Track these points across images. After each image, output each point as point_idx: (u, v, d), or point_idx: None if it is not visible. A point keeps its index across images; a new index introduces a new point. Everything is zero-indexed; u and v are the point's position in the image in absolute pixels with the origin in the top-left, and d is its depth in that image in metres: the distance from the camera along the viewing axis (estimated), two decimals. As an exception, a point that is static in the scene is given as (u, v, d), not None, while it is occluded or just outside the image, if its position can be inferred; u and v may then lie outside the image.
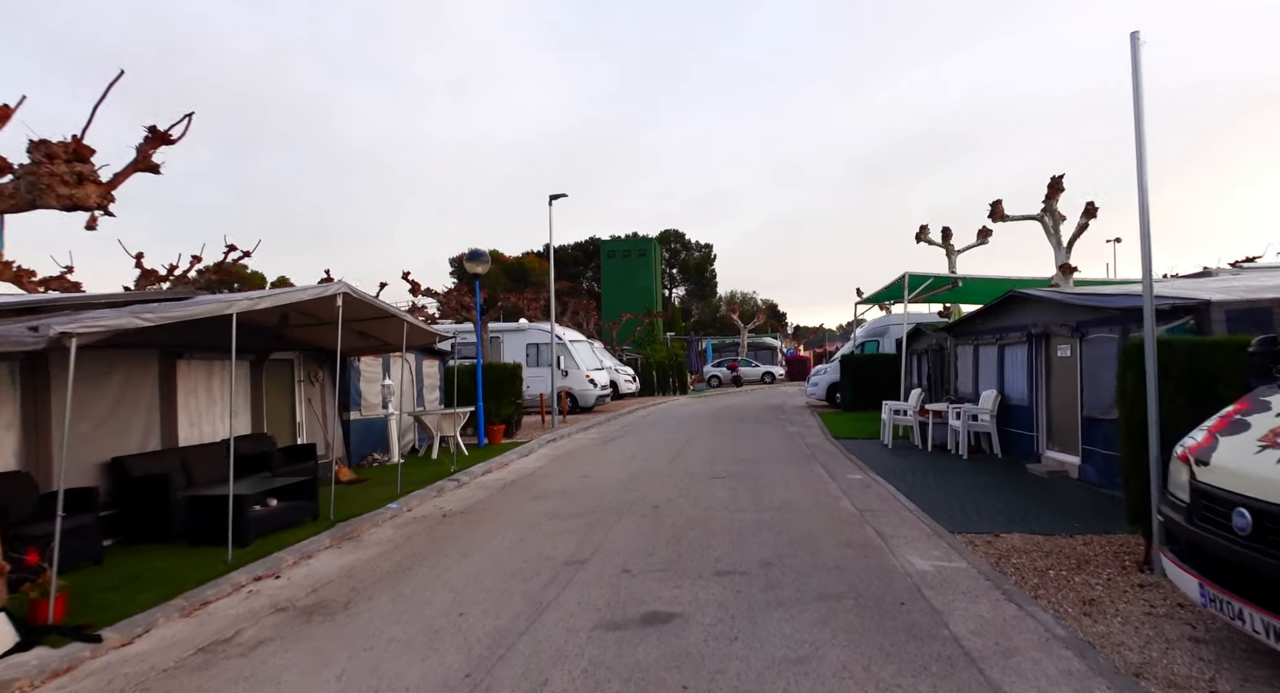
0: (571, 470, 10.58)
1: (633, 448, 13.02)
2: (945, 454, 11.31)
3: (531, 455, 12.47)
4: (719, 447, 12.89)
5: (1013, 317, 10.66)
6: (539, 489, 9.08)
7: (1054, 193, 13.04)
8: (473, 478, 10.03)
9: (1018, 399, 10.58)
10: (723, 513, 7.32)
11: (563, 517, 7.37)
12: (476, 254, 12.98)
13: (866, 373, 20.05)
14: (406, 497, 8.44)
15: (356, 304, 7.89)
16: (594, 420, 18.30)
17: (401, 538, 6.73)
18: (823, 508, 7.53)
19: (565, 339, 21.01)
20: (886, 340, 21.96)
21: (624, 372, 28.03)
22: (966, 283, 13.63)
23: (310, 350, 10.11)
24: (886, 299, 17.90)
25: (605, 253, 50.16)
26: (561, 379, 20.75)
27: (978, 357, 12.09)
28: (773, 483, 9.04)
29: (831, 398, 21.94)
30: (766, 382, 38.32)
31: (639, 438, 14.71)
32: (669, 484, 9.09)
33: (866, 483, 9.01)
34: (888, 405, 12.93)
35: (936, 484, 8.78)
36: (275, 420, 9.38)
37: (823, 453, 11.93)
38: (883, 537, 6.28)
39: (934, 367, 15.65)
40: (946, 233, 19.34)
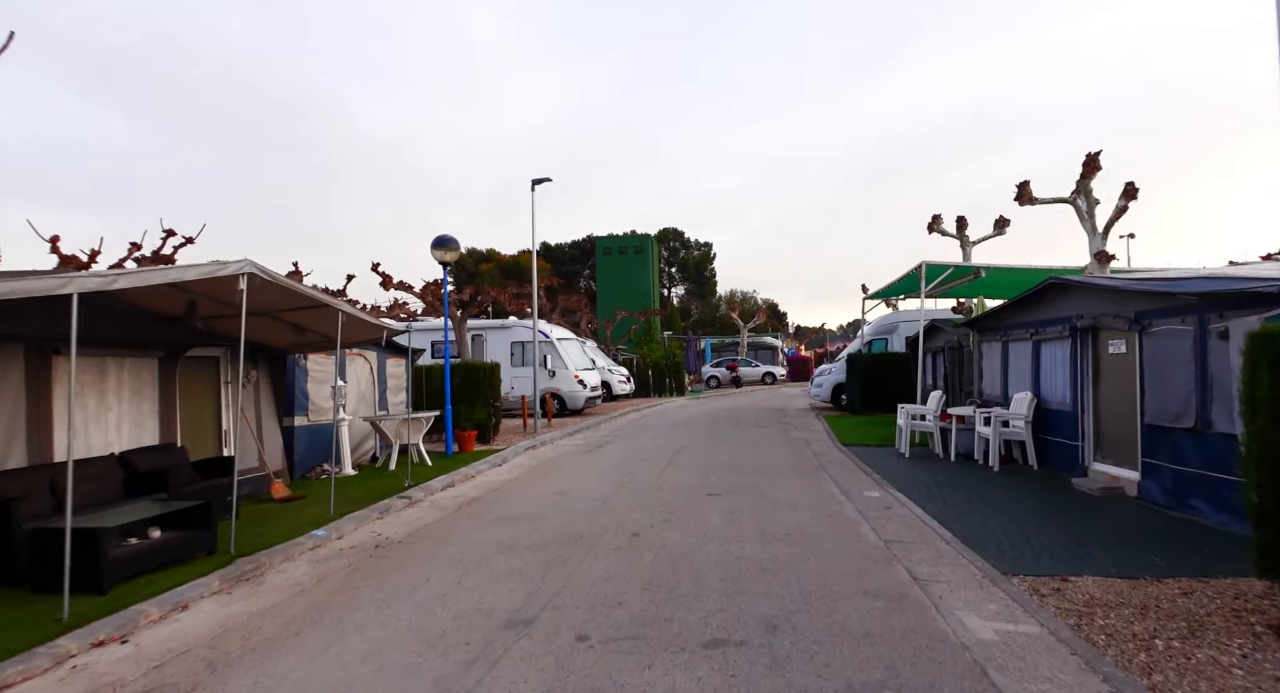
0: (545, 485, 9.21)
1: (619, 457, 11.65)
2: (972, 465, 9.94)
3: (504, 466, 11.10)
4: (715, 455, 11.52)
5: (1052, 308, 9.29)
6: (501, 510, 7.70)
7: (1089, 172, 11.67)
8: (429, 495, 8.66)
9: (1057, 403, 9.21)
10: (716, 545, 5.95)
11: (520, 549, 6.00)
12: (443, 240, 11.62)
13: (875, 373, 18.68)
14: (340, 520, 7.07)
15: (271, 289, 6.52)
16: (582, 424, 16.93)
17: (312, 579, 5.36)
18: (839, 538, 6.15)
19: (552, 337, 19.65)
20: (895, 338, 20.61)
21: (618, 372, 26.68)
22: (990, 273, 12.28)
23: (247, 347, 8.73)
24: (899, 293, 16.54)
25: (601, 249, 48.74)
26: (548, 380, 19.40)
27: (1007, 355, 10.72)
28: (777, 502, 7.67)
29: (837, 400, 20.57)
30: (767, 383, 36.96)
31: (628, 445, 13.34)
32: (655, 504, 7.72)
33: (887, 502, 7.64)
34: (904, 410, 11.57)
35: (971, 504, 7.41)
36: (195, 429, 8.01)
37: (832, 464, 10.56)
38: (920, 582, 4.91)
39: (951, 366, 14.28)
40: (961, 223, 17.96)
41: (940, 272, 12.53)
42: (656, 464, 10.65)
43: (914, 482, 8.76)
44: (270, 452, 9.02)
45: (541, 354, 19.48)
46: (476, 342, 20.07)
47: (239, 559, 5.67)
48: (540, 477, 9.91)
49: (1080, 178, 11.80)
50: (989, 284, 13.07)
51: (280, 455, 9.28)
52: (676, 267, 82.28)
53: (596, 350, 28.05)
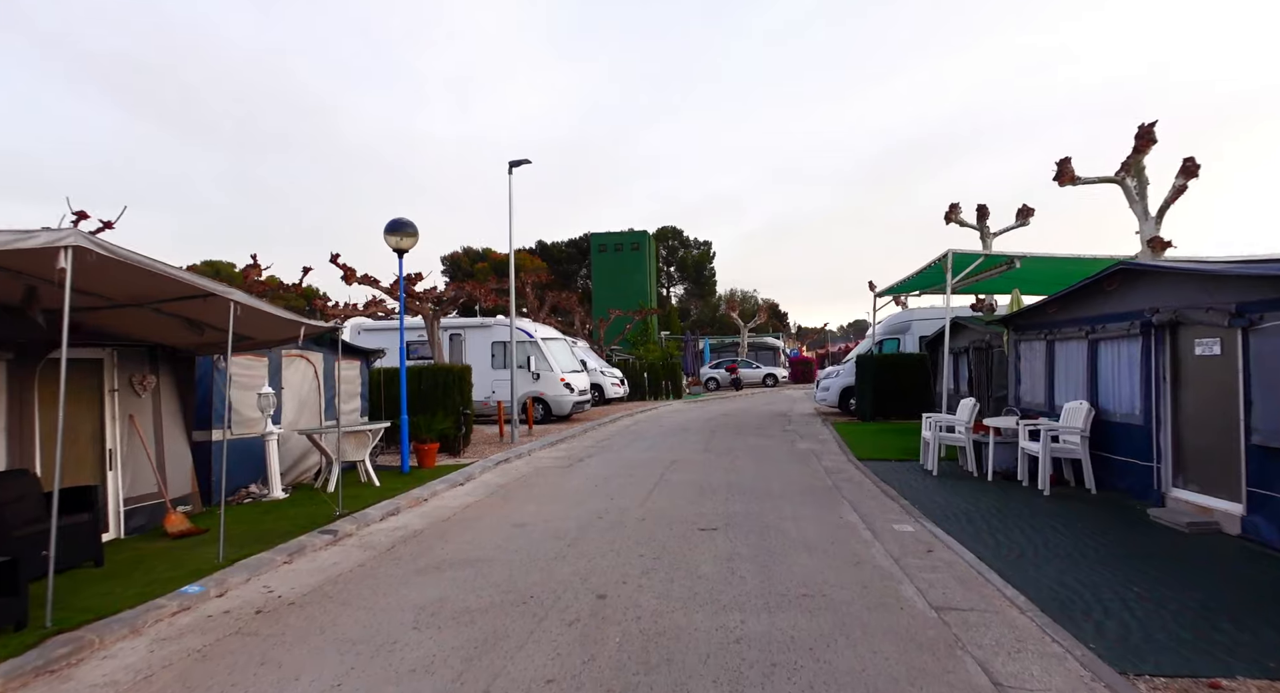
0: (506, 513, 7.65)
1: (601, 474, 10.11)
2: (1014, 487, 8.39)
3: (465, 486, 9.55)
4: (712, 472, 9.98)
5: (1116, 301, 7.74)
6: (441, 551, 6.15)
7: (1143, 146, 10.13)
8: (360, 527, 7.11)
9: (1122, 415, 7.66)
10: (708, 615, 4.41)
11: (443, 620, 4.45)
12: (398, 225, 10.07)
13: (888, 376, 17.13)
14: (230, 568, 5.53)
15: (126, 271, 4.97)
16: (566, 432, 15.38)
17: (138, 676, 3.82)
18: (873, 601, 4.61)
19: (536, 337, 18.10)
20: (908, 338, 19.08)
21: (611, 374, 25.13)
22: (1026, 264, 10.74)
23: (140, 347, 7.21)
24: (917, 288, 14.99)
25: (596, 246, 47.14)
26: (531, 383, 17.86)
27: (1053, 357, 9.17)
28: (787, 541, 6.12)
29: (844, 404, 19.02)
30: (769, 385, 35.41)
31: (613, 458, 11.79)
32: (634, 543, 6.18)
33: (925, 541, 6.09)
34: (931, 420, 10.02)
35: (1031, 545, 5.86)
36: (69, 450, 6.45)
37: (848, 484, 9.01)
38: (1005, 692, 3.36)
39: (978, 369, 12.73)
40: (982, 212, 16.43)
41: (968, 262, 10.99)
42: (643, 484, 9.10)
43: (951, 510, 7.21)
44: (174, 473, 7.47)
45: (524, 355, 17.95)
46: (455, 342, 18.54)
47: (54, 639, 4.12)
48: (503, 501, 8.35)
49: (1132, 153, 10.25)
50: (1023, 276, 11.53)
51: (189, 477, 7.73)
52: (675, 266, 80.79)
53: (588, 351, 26.50)
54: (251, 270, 16.12)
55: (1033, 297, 11.45)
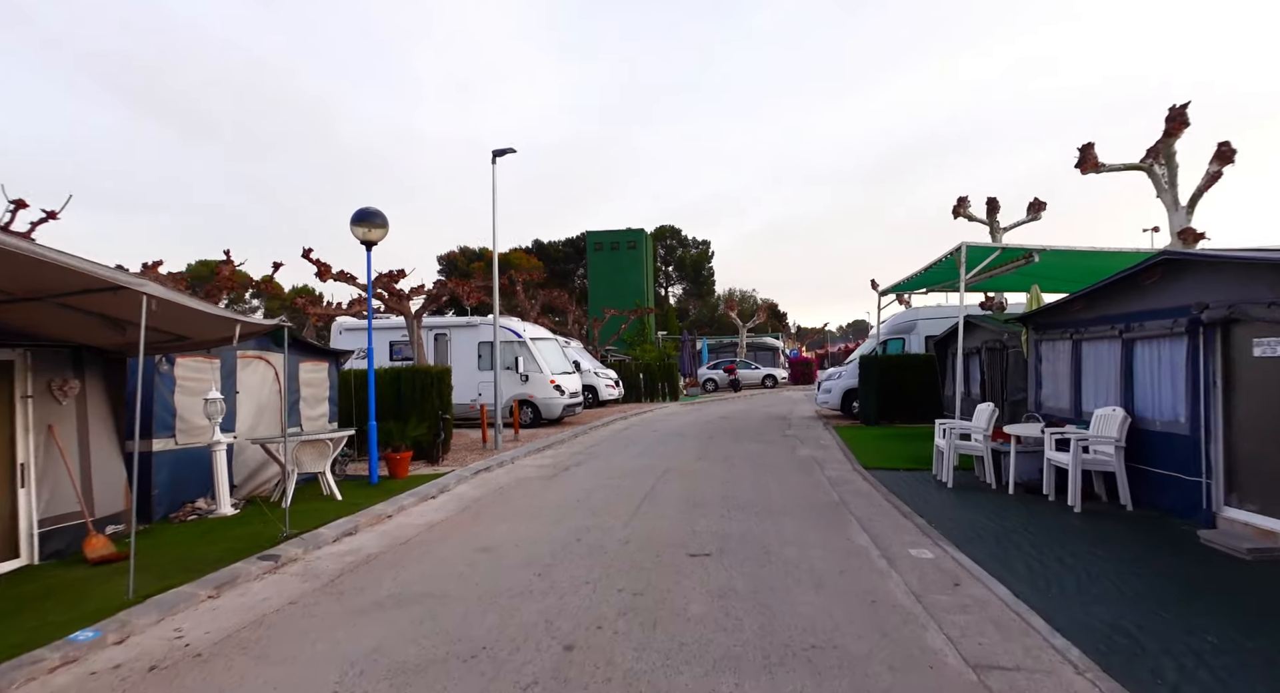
0: (474, 534, 6.85)
1: (586, 486, 9.31)
2: (1040, 502, 7.59)
3: (437, 499, 8.75)
4: (706, 484, 9.18)
5: (1157, 295, 6.95)
6: (392, 582, 5.35)
7: (1175, 129, 9.34)
8: (308, 551, 6.31)
9: (1164, 423, 6.87)
10: (695, 676, 3.61)
11: (374, 679, 3.65)
12: (366, 215, 9.26)
13: (893, 378, 16.35)
14: (140, 606, 4.73)
15: (4, 259, 4.17)
16: (555, 437, 14.58)
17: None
18: (897, 658, 3.81)
19: (525, 337, 17.30)
20: (914, 338, 18.30)
21: (605, 375, 24.35)
22: (1046, 257, 9.95)
23: (61, 348, 6.41)
24: (926, 285, 14.19)
25: (592, 244, 46.29)
26: (519, 385, 17.06)
27: (1079, 358, 8.38)
28: (789, 574, 5.33)
29: (847, 407, 18.24)
30: (768, 386, 34.62)
31: (602, 467, 10.99)
32: (614, 573, 5.38)
33: (949, 571, 5.29)
34: (945, 427, 9.23)
35: (1073, 575, 5.07)
36: (-33, 463, 5.66)
37: (856, 497, 8.21)
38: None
39: (991, 371, 11.94)
40: (992, 206, 15.65)
41: (983, 255, 10.19)
42: (630, 498, 8.30)
43: (974, 530, 6.41)
44: (103, 489, 6.66)
45: (512, 356, 17.15)
46: (440, 342, 17.74)
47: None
48: (474, 519, 7.55)
49: (1163, 137, 9.46)
50: (1041, 272, 10.74)
51: (121, 493, 6.91)
52: (673, 265, 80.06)
53: (581, 351, 25.73)
54: (224, 266, 15.31)
55: (1052, 294, 10.65)
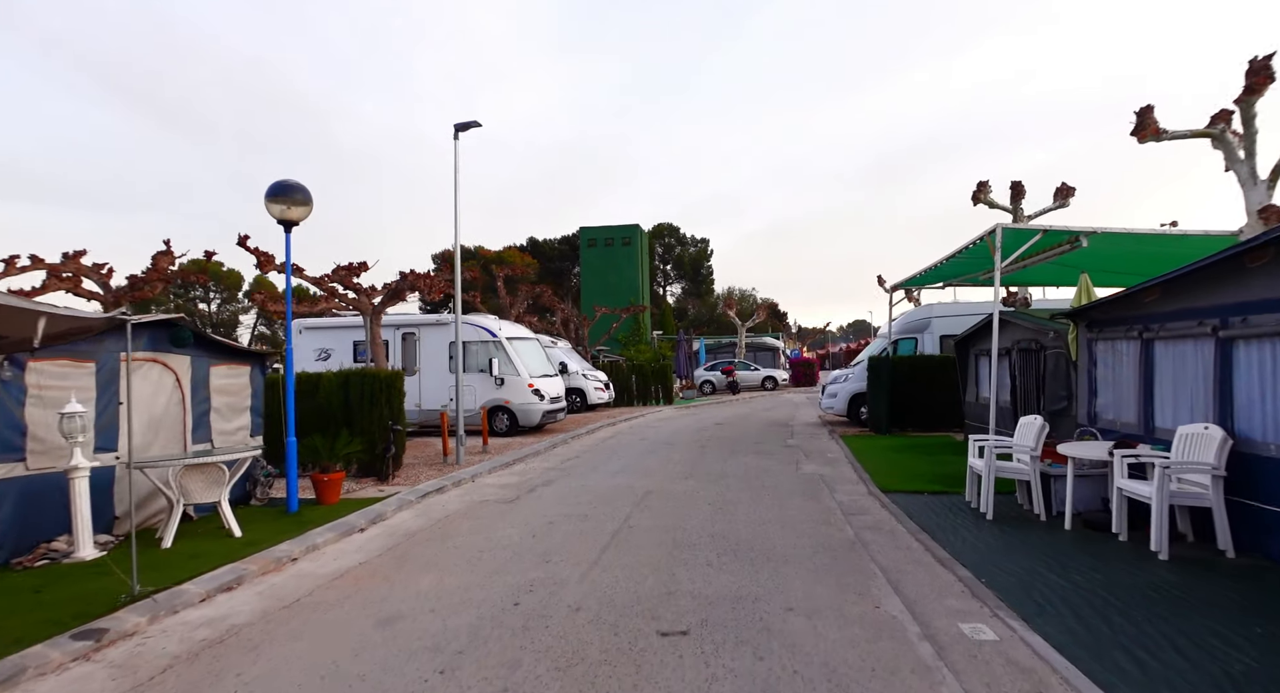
0: (383, 592, 5.28)
1: (548, 514, 7.75)
2: (1107, 542, 6.03)
3: (366, 533, 7.19)
4: (693, 513, 7.61)
5: (1268, 281, 5.38)
6: (229, 686, 3.79)
7: (1258, 84, 7.74)
8: (157, 618, 4.74)
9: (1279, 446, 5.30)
10: None
11: None
12: (283, 188, 7.68)
13: (907, 382, 14.78)
14: None
15: None
16: (529, 448, 13.03)
17: None
18: None
19: (500, 336, 15.74)
20: (927, 337, 16.73)
21: (594, 377, 22.80)
22: (1096, 242, 8.39)
23: None
24: (945, 278, 12.63)
25: (585, 241, 44.63)
26: (494, 390, 15.50)
27: (1150, 360, 6.81)
28: (798, 674, 3.76)
29: (854, 413, 16.67)
30: (768, 388, 33.07)
31: (573, 487, 9.43)
32: (546, 675, 3.82)
33: (1027, 670, 3.72)
34: (981, 444, 7.67)
35: (1206, 675, 3.50)
36: None
37: (877, 534, 6.64)
38: None
39: (1024, 375, 10.38)
40: (1017, 191, 14.11)
41: (1021, 240, 8.61)
42: (597, 534, 6.74)
43: (1039, 589, 4.85)
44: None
45: (486, 357, 15.60)
46: (408, 342, 16.19)
47: None
48: (396, 565, 5.98)
49: (1242, 93, 7.88)
50: (1088, 261, 9.18)
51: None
52: (672, 264, 78.47)
53: (570, 352, 24.17)
54: (163, 258, 13.75)
55: (1102, 289, 9.07)
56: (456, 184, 11.42)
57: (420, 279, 12.41)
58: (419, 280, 12.40)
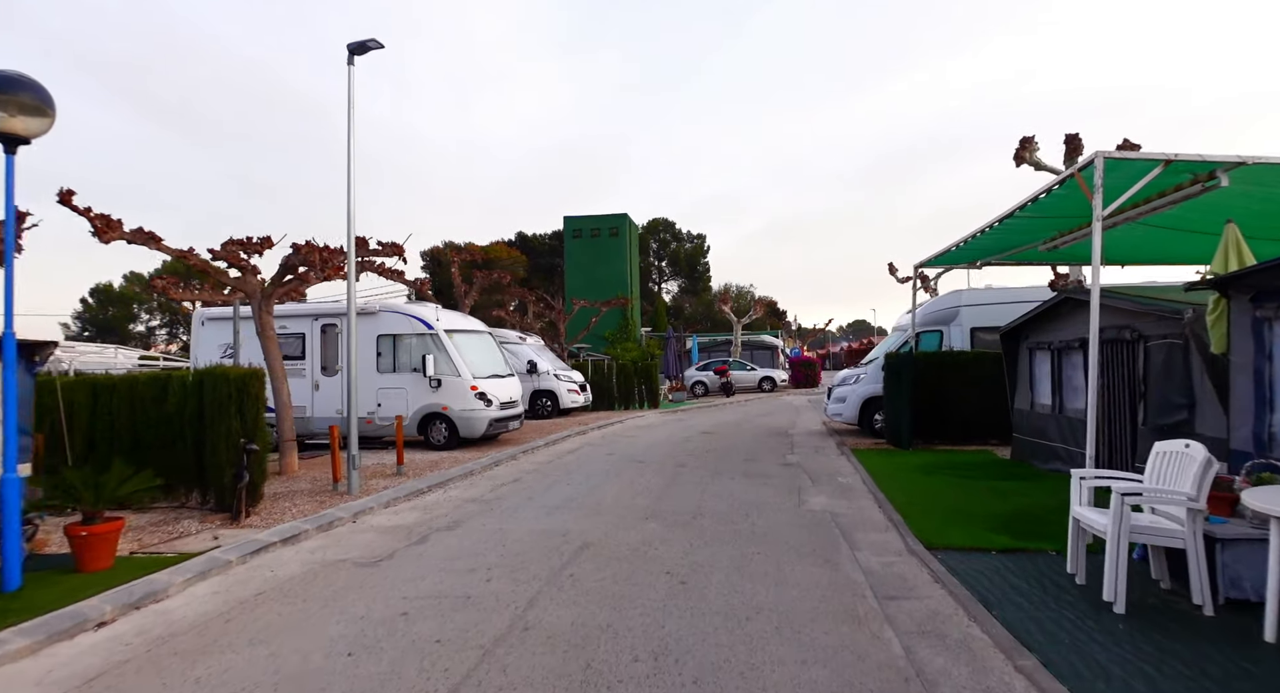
0: None
1: (411, 597, 4.98)
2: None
3: (100, 631, 4.41)
4: (639, 595, 4.85)
5: None
6: None
7: None
8: None
9: None
10: None
11: None
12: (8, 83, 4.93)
13: (934, 384, 12.03)
14: None
15: None
16: (461, 468, 10.26)
17: None
18: None
19: (438, 328, 12.96)
20: (954, 330, 13.97)
21: (567, 378, 20.02)
22: (1243, 178, 5.64)
23: None
24: (994, 252, 9.82)
25: (570, 231, 41.74)
26: (429, 393, 12.73)
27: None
28: None
29: (867, 421, 13.91)
30: (765, 389, 30.31)
31: (480, 537, 6.67)
32: None
33: None
34: (1097, 483, 4.90)
35: None
36: None
37: (944, 653, 3.87)
38: None
39: (1114, 377, 7.61)
40: (1073, 145, 11.36)
41: (1134, 175, 5.81)
42: (456, 656, 3.98)
43: None
44: None
45: (420, 353, 12.82)
46: (329, 335, 13.40)
47: None
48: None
49: None
50: (1226, 205, 6.37)
51: None
52: (667, 260, 75.78)
53: (541, 349, 21.41)
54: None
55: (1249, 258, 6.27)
56: (351, 119, 8.65)
57: (318, 253, 9.63)
58: (315, 254, 9.62)
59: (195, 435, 7.91)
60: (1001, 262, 11.13)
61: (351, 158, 8.70)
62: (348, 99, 8.61)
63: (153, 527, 7.24)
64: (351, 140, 8.69)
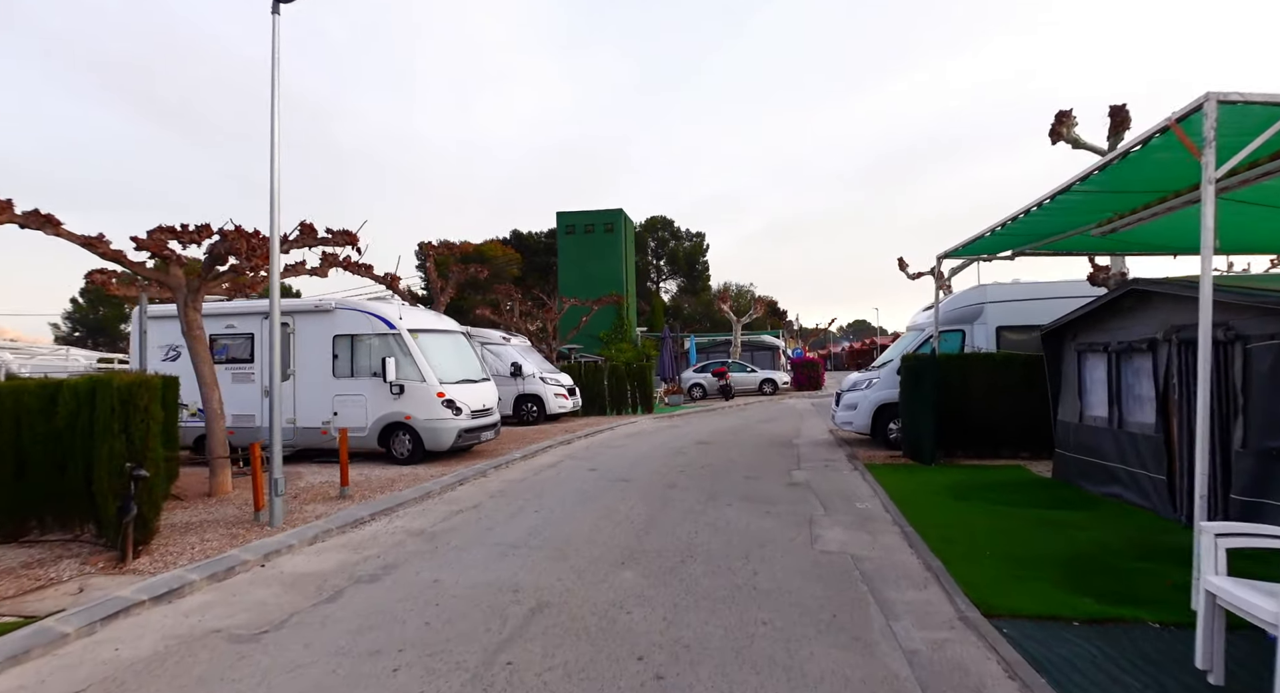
0: None
1: (300, 685, 3.59)
2: None
3: None
4: (599, 694, 3.46)
5: None
6: None
7: None
8: None
9: None
10: None
11: None
12: None
13: (960, 390, 10.65)
14: None
15: None
16: (418, 489, 8.88)
17: None
18: None
19: (400, 327, 11.56)
20: (979, 329, 12.58)
21: (554, 381, 18.65)
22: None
23: None
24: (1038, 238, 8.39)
25: (563, 227, 40.23)
26: (391, 401, 11.34)
27: None
28: None
29: (880, 429, 12.51)
30: (766, 392, 28.93)
31: (410, 591, 5.28)
32: None
33: None
34: (1226, 540, 3.51)
35: None
36: None
37: None
38: None
39: (1188, 386, 6.21)
40: (1119, 118, 9.97)
41: (1259, 124, 4.43)
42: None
43: None
44: None
45: (380, 356, 11.42)
46: (281, 335, 11.98)
47: None
48: None
49: None
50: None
51: None
52: (665, 259, 74.39)
53: (528, 351, 20.03)
54: None
55: None
56: (275, 75, 7.24)
57: (246, 240, 8.23)
58: (244, 241, 8.22)
59: (85, 453, 6.55)
60: (1036, 251, 9.73)
61: (276, 116, 7.29)
62: (272, 51, 7.21)
63: (24, 569, 5.90)
64: (276, 98, 7.28)
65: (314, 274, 15.25)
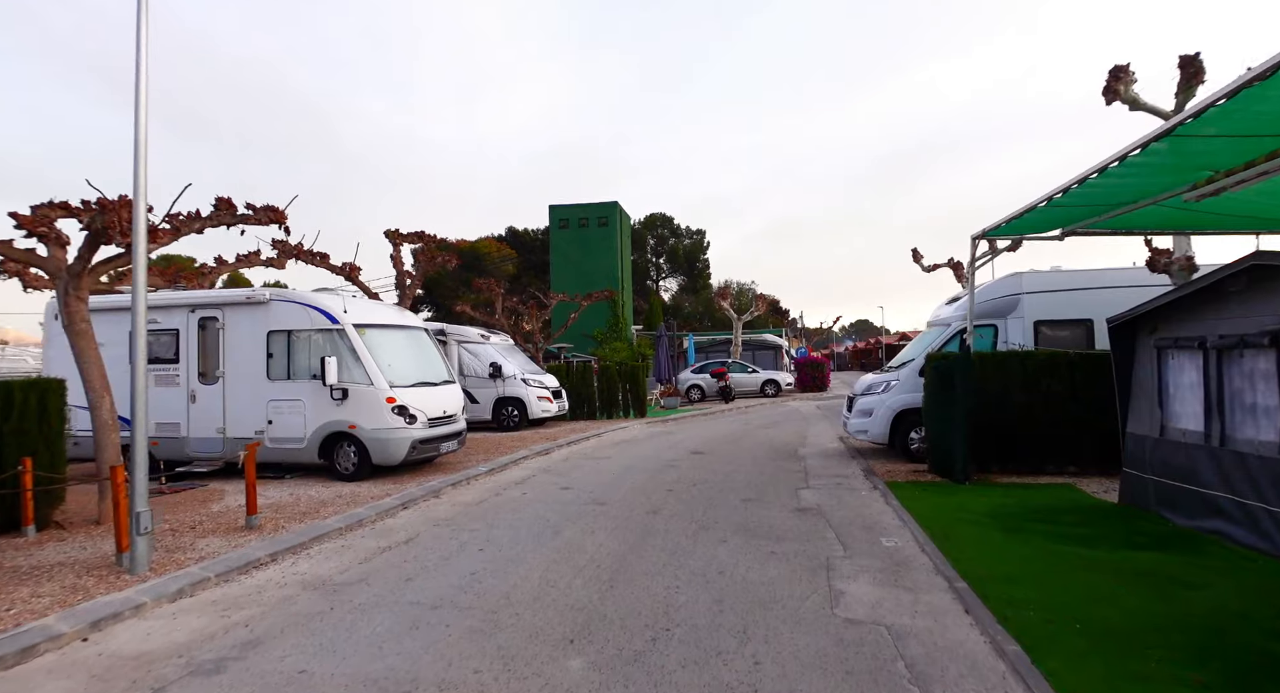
0: None
1: None
2: None
3: None
4: None
5: None
6: None
7: None
8: None
9: None
10: None
11: None
12: None
13: (999, 393, 9.07)
14: None
15: None
16: (351, 513, 7.30)
17: None
18: None
19: (345, 322, 9.97)
20: (1013, 323, 10.96)
21: (537, 383, 17.07)
22: None
23: None
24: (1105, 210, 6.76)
25: (556, 221, 38.61)
26: (333, 408, 9.77)
27: None
28: None
29: (898, 437, 10.90)
30: (768, 394, 27.33)
31: (274, 681, 3.67)
32: None
33: None
34: None
35: None
36: None
37: None
38: None
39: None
40: (1190, 72, 8.37)
41: None
42: None
43: None
44: None
45: (320, 355, 9.84)
46: (208, 332, 10.42)
47: None
48: None
49: None
50: None
51: None
52: (665, 257, 72.78)
53: (511, 350, 18.44)
54: None
55: None
56: (141, 22, 5.66)
57: (117, 212, 6.64)
58: (116, 213, 6.64)
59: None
60: (1090, 229, 8.16)
61: (142, 71, 5.70)
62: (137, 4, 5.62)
63: None
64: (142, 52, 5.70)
65: (270, 265, 13.69)
